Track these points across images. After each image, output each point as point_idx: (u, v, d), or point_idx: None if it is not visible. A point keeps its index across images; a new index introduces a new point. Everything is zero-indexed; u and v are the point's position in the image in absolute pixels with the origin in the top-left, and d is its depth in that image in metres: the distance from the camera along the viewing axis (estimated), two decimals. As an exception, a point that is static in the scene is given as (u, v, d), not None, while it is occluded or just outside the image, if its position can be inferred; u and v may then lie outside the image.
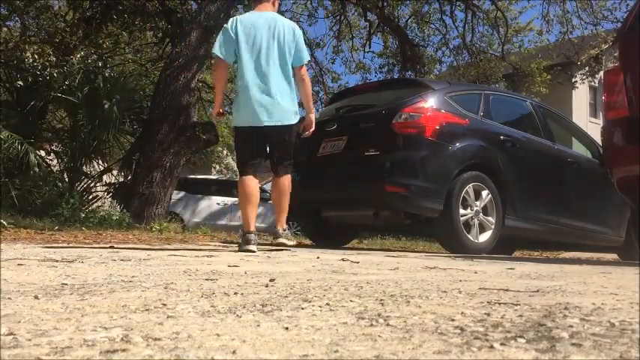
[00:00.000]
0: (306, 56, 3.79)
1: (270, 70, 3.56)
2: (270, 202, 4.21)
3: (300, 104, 4.29)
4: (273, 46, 3.58)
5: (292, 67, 3.67)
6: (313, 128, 3.90)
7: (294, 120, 3.67)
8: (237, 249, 3.66)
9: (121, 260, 2.52)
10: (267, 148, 3.75)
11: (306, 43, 4.88)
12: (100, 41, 10.48)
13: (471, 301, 1.38)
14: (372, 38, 13.49)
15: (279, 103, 3.57)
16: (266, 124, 3.56)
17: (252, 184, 3.63)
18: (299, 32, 3.73)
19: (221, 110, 3.93)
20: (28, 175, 7.25)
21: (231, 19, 3.71)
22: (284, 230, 3.76)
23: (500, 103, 5.61)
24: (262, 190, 5.55)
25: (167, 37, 9.86)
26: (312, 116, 3.90)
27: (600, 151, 5.52)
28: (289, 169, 3.76)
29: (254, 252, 3.43)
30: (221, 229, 9.67)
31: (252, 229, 3.55)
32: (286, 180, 3.71)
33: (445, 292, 1.56)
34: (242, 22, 3.64)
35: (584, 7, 12.30)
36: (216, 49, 3.65)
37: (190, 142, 7.87)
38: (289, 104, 3.64)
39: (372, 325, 1.06)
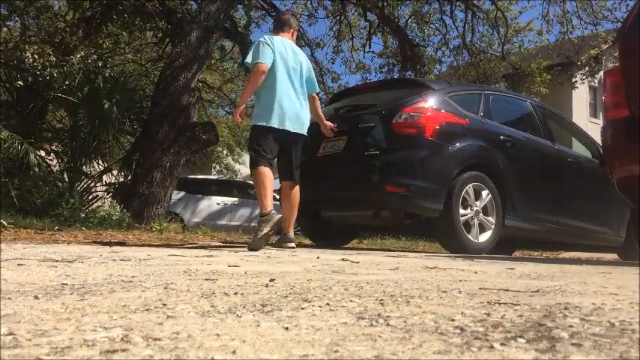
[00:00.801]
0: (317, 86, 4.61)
1: (297, 86, 4.14)
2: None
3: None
4: (297, 69, 4.16)
5: (308, 91, 4.29)
6: (332, 133, 4.70)
7: (306, 131, 4.18)
8: (251, 238, 3.88)
9: (121, 260, 2.52)
10: (281, 155, 4.18)
11: (306, 44, 6.02)
12: (100, 41, 10.49)
13: (471, 301, 1.38)
14: (372, 38, 13.46)
15: (302, 115, 4.13)
16: (294, 130, 4.07)
17: (267, 171, 3.95)
18: (311, 65, 4.47)
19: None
20: (28, 175, 7.24)
21: (266, 36, 4.14)
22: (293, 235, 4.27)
23: (500, 103, 5.60)
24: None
25: (167, 37, 9.88)
26: (328, 122, 4.66)
27: (600, 151, 5.51)
28: (299, 178, 4.18)
29: (277, 214, 3.78)
30: (221, 229, 9.67)
31: (270, 208, 3.86)
32: (297, 191, 4.20)
33: (445, 292, 1.56)
34: (276, 41, 4.10)
35: (584, 7, 12.29)
36: (261, 59, 3.98)
37: (190, 142, 7.87)
38: (307, 118, 4.21)
39: (372, 325, 1.06)
